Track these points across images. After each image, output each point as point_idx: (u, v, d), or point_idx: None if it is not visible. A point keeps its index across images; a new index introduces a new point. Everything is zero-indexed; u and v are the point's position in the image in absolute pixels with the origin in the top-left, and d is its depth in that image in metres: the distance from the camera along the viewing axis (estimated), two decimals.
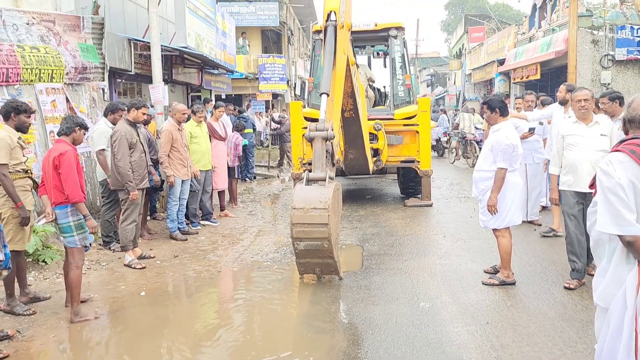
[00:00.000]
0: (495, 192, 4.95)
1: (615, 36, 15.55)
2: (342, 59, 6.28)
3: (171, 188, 7.23)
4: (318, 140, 5.25)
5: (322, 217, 4.82)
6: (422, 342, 3.98)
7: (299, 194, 5.01)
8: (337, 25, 6.25)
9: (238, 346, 4.18)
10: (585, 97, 4.99)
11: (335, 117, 5.95)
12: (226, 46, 14.68)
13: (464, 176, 12.88)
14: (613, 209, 2.23)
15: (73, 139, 4.80)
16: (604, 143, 4.89)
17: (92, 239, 4.87)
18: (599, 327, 2.43)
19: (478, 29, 30.87)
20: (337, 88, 6.11)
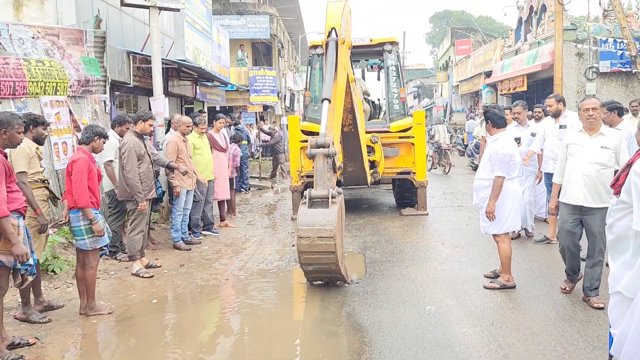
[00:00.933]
0: (493, 199, 5.17)
1: (599, 49, 16.05)
2: (342, 74, 6.51)
3: (176, 198, 7.36)
4: (319, 157, 5.30)
5: (329, 245, 4.95)
6: (431, 342, 4.16)
7: (304, 219, 5.03)
8: (338, 40, 6.49)
9: (253, 351, 4.32)
10: (594, 106, 4.75)
11: (336, 126, 6.15)
12: (221, 58, 14.89)
13: (457, 185, 13.16)
14: None
15: (92, 147, 5.12)
16: (603, 156, 4.66)
17: (104, 242, 5.03)
18: (617, 314, 2.64)
19: (464, 42, 31.48)
20: (338, 99, 6.33)
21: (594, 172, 4.66)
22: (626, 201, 2.56)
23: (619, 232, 2.62)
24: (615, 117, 5.96)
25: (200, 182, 7.78)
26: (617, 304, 2.65)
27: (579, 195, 4.73)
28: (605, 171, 4.66)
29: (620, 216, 2.60)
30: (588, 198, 4.69)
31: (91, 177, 4.92)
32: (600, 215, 4.53)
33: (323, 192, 5.15)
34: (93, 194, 4.93)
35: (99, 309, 4.99)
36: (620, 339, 2.58)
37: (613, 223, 2.65)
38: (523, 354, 3.91)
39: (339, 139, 6.29)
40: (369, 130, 9.22)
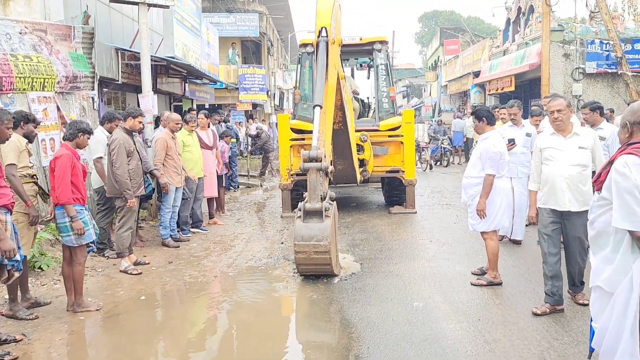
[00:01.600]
0: (484, 197, 5.23)
1: (586, 50, 16.23)
2: (333, 73, 6.55)
3: (164, 196, 7.34)
4: (312, 171, 5.53)
5: (325, 259, 5.40)
6: (419, 338, 4.20)
7: (300, 233, 5.41)
8: (328, 40, 6.52)
9: (242, 347, 4.34)
10: (559, 108, 4.49)
11: (327, 129, 6.20)
12: (210, 56, 14.85)
13: (445, 184, 13.25)
14: (627, 208, 2.51)
15: (77, 143, 5.09)
16: (582, 157, 4.46)
17: (90, 239, 5.01)
18: (598, 308, 2.71)
19: (453, 42, 31.66)
20: (329, 101, 6.38)
21: (576, 175, 4.45)
22: (607, 198, 2.62)
23: (599, 227, 2.68)
24: (597, 117, 6.04)
25: (190, 179, 7.77)
26: (597, 299, 2.71)
27: (564, 200, 4.49)
28: (585, 172, 4.46)
29: (601, 212, 2.67)
30: (573, 202, 4.47)
31: (75, 174, 4.90)
32: (583, 220, 4.20)
33: (317, 205, 5.46)
34: (77, 190, 4.91)
35: (86, 306, 4.98)
36: (601, 332, 2.64)
37: (594, 219, 2.71)
38: (509, 349, 3.96)
39: (330, 141, 6.36)
40: (359, 129, 9.25)
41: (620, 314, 2.52)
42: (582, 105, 6.23)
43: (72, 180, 4.86)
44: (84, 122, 5.24)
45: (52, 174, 4.87)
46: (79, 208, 4.93)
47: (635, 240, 2.51)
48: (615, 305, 2.55)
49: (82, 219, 4.89)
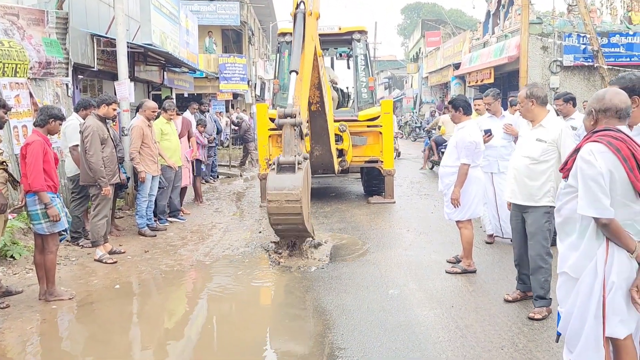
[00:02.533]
0: (458, 186, 5.27)
1: (563, 43, 16.44)
2: (310, 44, 6.56)
3: (141, 184, 7.26)
4: (287, 126, 5.67)
5: (296, 208, 5.44)
6: (393, 324, 4.24)
7: (272, 184, 5.53)
8: (305, 12, 6.52)
9: (218, 335, 4.33)
10: (517, 99, 4.51)
11: (303, 97, 6.27)
12: (189, 44, 14.66)
13: (424, 175, 13.34)
14: (592, 195, 2.54)
15: (48, 130, 5.00)
16: (535, 149, 4.22)
17: (62, 227, 4.94)
18: (564, 293, 2.75)
19: (434, 34, 31.78)
20: (306, 70, 6.41)
21: (523, 167, 4.28)
22: (573, 185, 2.65)
23: (566, 214, 2.72)
24: (570, 108, 6.13)
25: (167, 168, 7.70)
26: (563, 284, 2.76)
27: (508, 190, 4.45)
28: (535, 166, 4.21)
29: (568, 200, 2.70)
30: (516, 194, 4.32)
31: (47, 160, 4.81)
32: (532, 216, 4.25)
33: (290, 158, 5.56)
34: (49, 177, 4.83)
35: (59, 295, 4.91)
36: (567, 317, 2.70)
37: (561, 206, 2.75)
38: (480, 334, 4.02)
39: (305, 109, 6.43)
40: (338, 119, 9.25)
41: (585, 298, 2.57)
42: (555, 96, 6.30)
43: (44, 167, 4.77)
44: (56, 108, 5.13)
45: (24, 160, 4.78)
46: (52, 195, 4.84)
47: (599, 227, 2.55)
48: (580, 290, 2.60)
49: (55, 205, 4.81)
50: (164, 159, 7.63)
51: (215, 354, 3.99)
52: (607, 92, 2.70)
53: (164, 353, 4.04)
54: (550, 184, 4.21)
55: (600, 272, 2.54)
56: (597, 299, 2.53)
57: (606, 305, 2.51)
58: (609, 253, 2.54)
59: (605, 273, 2.53)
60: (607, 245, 2.55)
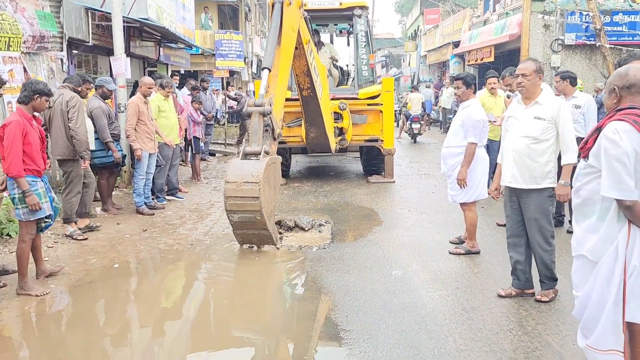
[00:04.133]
0: (466, 166, 5.16)
1: (566, 21, 16.19)
2: (290, 36, 6.37)
3: (138, 162, 7.13)
4: (255, 115, 5.50)
5: (254, 190, 5.12)
6: (398, 306, 4.18)
7: (233, 168, 5.29)
8: (283, 2, 6.31)
9: (220, 316, 4.26)
10: (523, 72, 3.99)
11: (280, 92, 6.09)
12: (185, 19, 14.37)
13: (424, 154, 13.25)
14: (617, 176, 2.43)
15: (33, 107, 4.60)
16: (535, 128, 3.97)
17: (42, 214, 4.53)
18: (580, 277, 2.67)
19: (433, 11, 31.31)
20: (283, 64, 6.20)
21: (523, 147, 4.01)
22: (594, 165, 2.55)
23: (585, 195, 2.62)
24: (567, 86, 5.92)
25: (165, 146, 7.57)
26: (580, 267, 2.67)
27: (507, 175, 4.15)
28: (536, 146, 3.98)
29: (588, 180, 2.60)
30: (517, 178, 4.06)
31: (28, 142, 4.41)
32: (535, 200, 4.04)
33: (257, 148, 5.39)
34: (32, 160, 4.45)
35: (29, 289, 4.47)
36: (583, 301, 2.62)
37: (580, 187, 2.65)
38: (487, 316, 3.96)
39: (281, 106, 6.22)
40: (338, 97, 9.11)
41: (604, 282, 2.49)
42: (555, 73, 6.14)
43: (25, 149, 4.40)
44: (41, 83, 4.74)
45: (1, 143, 4.40)
46: (33, 179, 4.48)
47: (622, 209, 2.46)
48: (599, 274, 2.52)
49: (35, 191, 4.45)
50: (160, 136, 7.49)
51: (218, 335, 3.92)
52: (629, 69, 2.58)
53: (164, 333, 3.97)
54: (551, 164, 4.03)
55: (621, 255, 2.45)
56: (617, 283, 2.45)
57: (627, 289, 2.43)
58: (631, 236, 2.45)
59: (626, 257, 2.44)
60: (629, 228, 2.46)
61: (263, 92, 5.71)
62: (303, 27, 6.96)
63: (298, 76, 7.33)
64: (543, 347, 3.48)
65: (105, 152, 6.85)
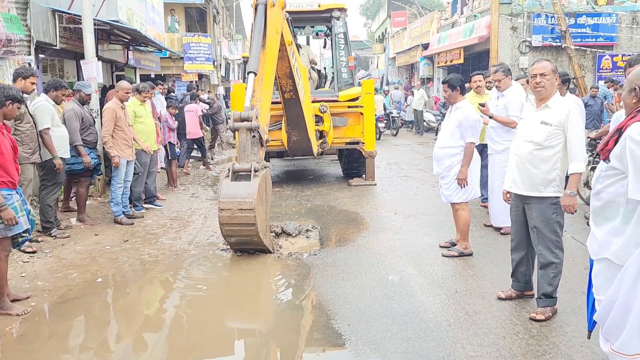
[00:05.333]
0: (466, 165, 5.16)
1: (532, 24, 16.53)
2: (274, 38, 6.24)
3: (115, 170, 6.85)
4: (242, 131, 5.35)
5: (249, 217, 5.07)
6: (399, 312, 4.09)
7: (225, 191, 5.16)
8: (267, 3, 6.18)
9: (218, 329, 4.08)
10: (542, 71, 3.81)
11: (265, 97, 5.96)
12: (155, 22, 14.03)
13: (400, 156, 13.27)
14: None
15: (4, 114, 4.31)
16: (540, 134, 3.83)
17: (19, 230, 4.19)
18: (603, 281, 2.63)
19: (400, 14, 31.63)
20: (268, 68, 6.08)
21: (525, 153, 3.90)
22: (617, 167, 2.51)
23: (607, 198, 2.58)
24: (562, 89, 5.84)
25: (143, 152, 7.31)
26: (602, 271, 2.63)
27: (508, 179, 4.06)
28: (540, 152, 3.83)
29: (610, 182, 2.57)
30: (518, 183, 3.97)
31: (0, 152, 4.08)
32: (536, 208, 3.90)
33: (246, 165, 5.26)
34: (6, 172, 4.10)
35: (8, 308, 4.19)
36: (608, 305, 2.58)
37: (602, 189, 2.61)
38: (491, 320, 3.92)
39: (268, 110, 6.08)
40: (318, 100, 9.01)
41: (630, 286, 2.46)
42: None
43: None
44: (13, 88, 4.43)
45: None
46: (7, 192, 4.13)
47: None
48: (625, 278, 2.48)
49: (11, 204, 4.11)
50: (137, 143, 7.24)
51: (217, 349, 3.75)
52: None
53: (158, 350, 3.77)
54: (555, 172, 3.82)
55: None
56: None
57: None
58: None
59: None
60: None
61: (248, 105, 5.49)
62: (285, 29, 6.83)
63: (280, 78, 7.18)
64: (552, 350, 3.46)
65: (77, 158, 6.54)
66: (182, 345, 3.78)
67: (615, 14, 16.62)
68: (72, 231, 6.53)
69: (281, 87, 7.37)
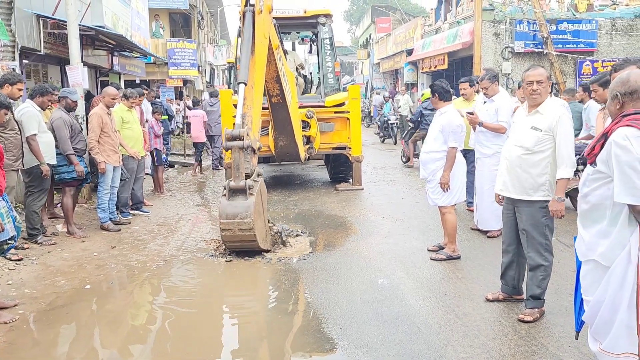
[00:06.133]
0: (448, 170, 5.23)
1: (515, 30, 16.80)
2: (262, 43, 6.29)
3: (101, 176, 6.81)
4: (235, 150, 5.50)
5: (250, 236, 5.40)
6: (390, 315, 4.13)
7: (224, 211, 5.40)
8: (255, 10, 6.22)
9: (208, 333, 4.08)
10: (539, 79, 3.87)
11: (257, 104, 6.01)
12: (140, 28, 13.97)
13: (386, 160, 13.35)
14: (629, 182, 2.46)
15: None
16: (529, 139, 3.88)
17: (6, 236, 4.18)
18: (590, 282, 2.69)
19: (384, 20, 31.88)
20: (258, 75, 6.14)
21: (515, 158, 3.97)
22: (603, 171, 2.58)
23: (594, 201, 2.65)
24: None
25: (131, 158, 7.28)
26: (590, 272, 2.70)
27: (499, 182, 4.13)
28: (529, 157, 3.89)
29: (597, 186, 2.63)
30: (508, 186, 4.02)
31: None
32: (526, 211, 3.95)
33: (241, 183, 5.44)
34: None
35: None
36: (595, 305, 2.64)
37: (588, 192, 2.68)
38: (480, 322, 3.97)
39: (259, 117, 6.15)
40: (305, 105, 9.05)
41: (617, 286, 2.53)
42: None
43: None
44: (1, 94, 4.50)
45: None
46: None
47: (635, 214, 2.50)
48: (612, 278, 2.55)
49: None
50: (124, 148, 7.20)
51: (209, 356, 3.74)
52: (631, 75, 2.64)
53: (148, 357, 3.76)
54: (545, 177, 3.87)
55: (634, 259, 2.49)
56: (630, 286, 2.49)
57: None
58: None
59: (639, 260, 2.48)
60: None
61: (239, 122, 5.63)
62: (273, 33, 6.88)
63: (267, 82, 7.23)
64: (540, 351, 3.52)
65: (67, 167, 6.47)
66: (172, 352, 3.77)
67: (595, 20, 16.96)
68: (58, 238, 6.46)
69: (268, 91, 7.40)
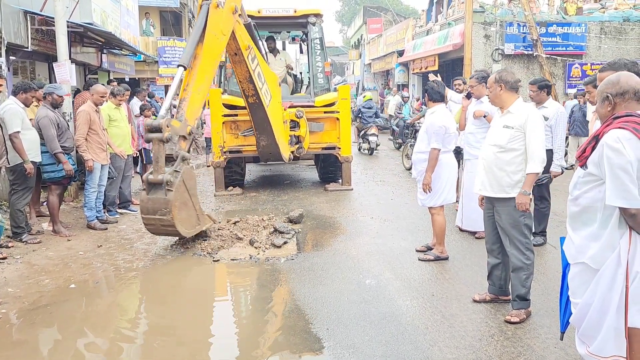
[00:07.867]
0: (429, 171, 5.22)
1: (505, 32, 16.88)
2: (216, 38, 6.30)
3: (89, 174, 6.74)
4: (155, 142, 5.54)
5: (174, 230, 5.64)
6: (377, 316, 4.12)
7: (144, 205, 5.58)
8: (210, 4, 6.21)
9: (195, 333, 4.04)
10: (489, 85, 4.18)
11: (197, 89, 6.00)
12: (130, 25, 13.86)
13: (375, 161, 13.36)
14: (621, 185, 2.44)
15: None
16: (503, 136, 4.00)
17: None
18: (578, 284, 2.68)
19: (376, 21, 31.92)
20: (203, 64, 6.12)
21: (491, 156, 4.07)
22: (594, 173, 2.56)
23: (585, 204, 2.63)
24: (543, 96, 5.76)
25: (118, 157, 7.21)
26: (578, 274, 2.68)
27: (477, 182, 4.23)
28: (503, 155, 3.99)
29: (588, 188, 2.61)
30: (486, 186, 4.11)
31: None
32: (504, 209, 4.02)
33: (159, 177, 5.47)
34: None
35: None
36: (584, 308, 2.63)
37: (579, 195, 2.65)
38: (467, 323, 3.97)
39: (200, 102, 6.20)
40: (294, 105, 9.03)
41: (606, 289, 2.52)
42: (530, 81, 6.02)
43: None
44: None
45: None
46: None
47: (627, 217, 2.48)
48: (601, 281, 2.53)
49: None
50: (111, 147, 7.13)
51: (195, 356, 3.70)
52: (620, 76, 2.62)
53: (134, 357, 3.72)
54: (520, 174, 3.95)
55: (623, 262, 2.48)
56: (619, 289, 2.48)
57: (629, 295, 2.46)
58: (632, 242, 2.48)
59: (628, 263, 2.48)
60: (630, 235, 2.50)
61: (163, 113, 5.68)
62: (241, 33, 6.87)
63: (241, 82, 7.32)
64: (527, 352, 3.52)
65: (55, 166, 6.39)
66: (158, 352, 3.73)
67: (585, 24, 17.08)
68: (43, 236, 6.39)
69: (244, 91, 7.48)
